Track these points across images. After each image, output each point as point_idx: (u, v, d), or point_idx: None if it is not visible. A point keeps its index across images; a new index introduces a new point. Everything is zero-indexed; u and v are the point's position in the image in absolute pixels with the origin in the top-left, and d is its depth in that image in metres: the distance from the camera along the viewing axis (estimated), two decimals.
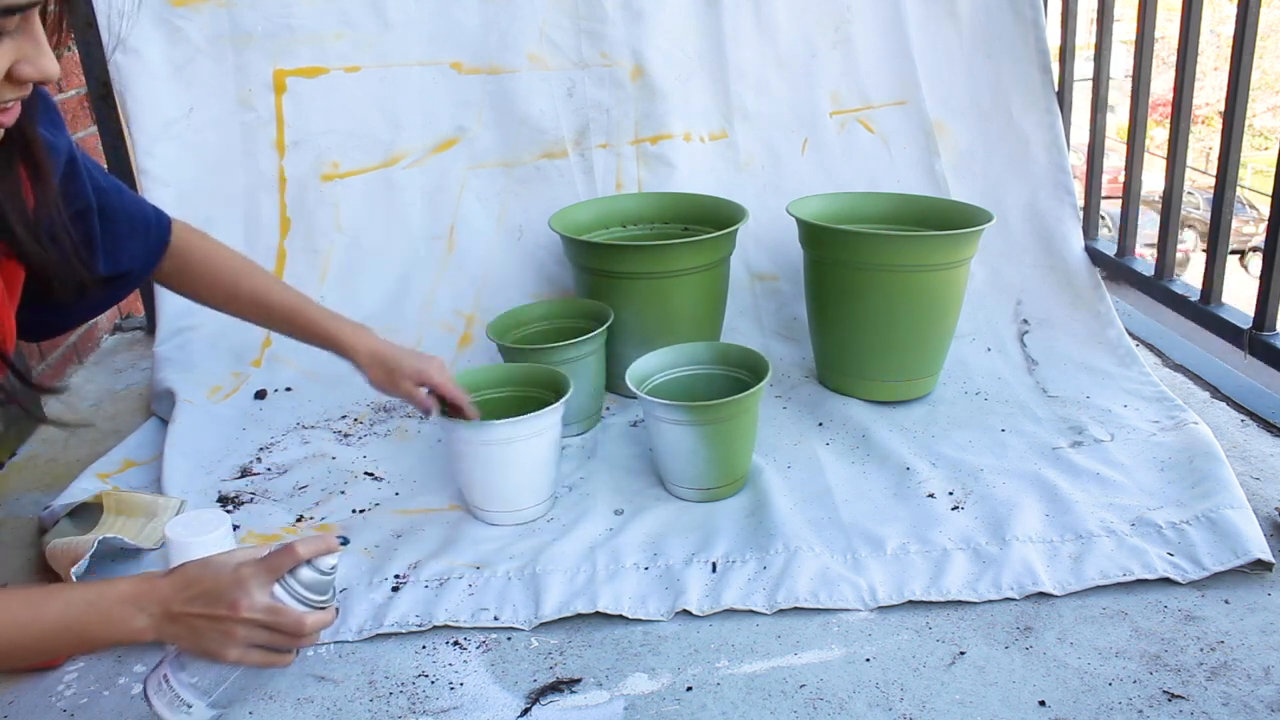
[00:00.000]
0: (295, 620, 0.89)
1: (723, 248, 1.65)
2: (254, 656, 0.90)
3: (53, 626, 0.84)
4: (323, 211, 1.87)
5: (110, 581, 0.88)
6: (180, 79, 1.81)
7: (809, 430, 1.56)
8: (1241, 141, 1.53)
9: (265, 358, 1.78)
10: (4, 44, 0.74)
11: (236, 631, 0.88)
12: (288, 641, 0.91)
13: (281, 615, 0.89)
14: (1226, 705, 0.97)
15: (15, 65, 0.75)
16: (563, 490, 1.42)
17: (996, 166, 1.96)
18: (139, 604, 0.87)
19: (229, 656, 0.89)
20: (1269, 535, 1.20)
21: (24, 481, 1.52)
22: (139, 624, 0.86)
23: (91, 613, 0.85)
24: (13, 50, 0.75)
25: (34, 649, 0.84)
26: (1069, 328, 1.80)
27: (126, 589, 0.87)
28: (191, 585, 0.88)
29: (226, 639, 0.88)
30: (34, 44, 0.76)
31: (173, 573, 0.90)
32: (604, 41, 1.90)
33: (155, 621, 0.87)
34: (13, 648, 0.83)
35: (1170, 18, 1.81)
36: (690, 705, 1.00)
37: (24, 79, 0.76)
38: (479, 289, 1.89)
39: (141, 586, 0.88)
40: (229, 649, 0.88)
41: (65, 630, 0.84)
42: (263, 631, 0.89)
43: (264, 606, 0.88)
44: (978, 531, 1.26)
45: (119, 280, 1.15)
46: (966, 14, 1.96)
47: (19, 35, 0.75)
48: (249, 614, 0.87)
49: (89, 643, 0.87)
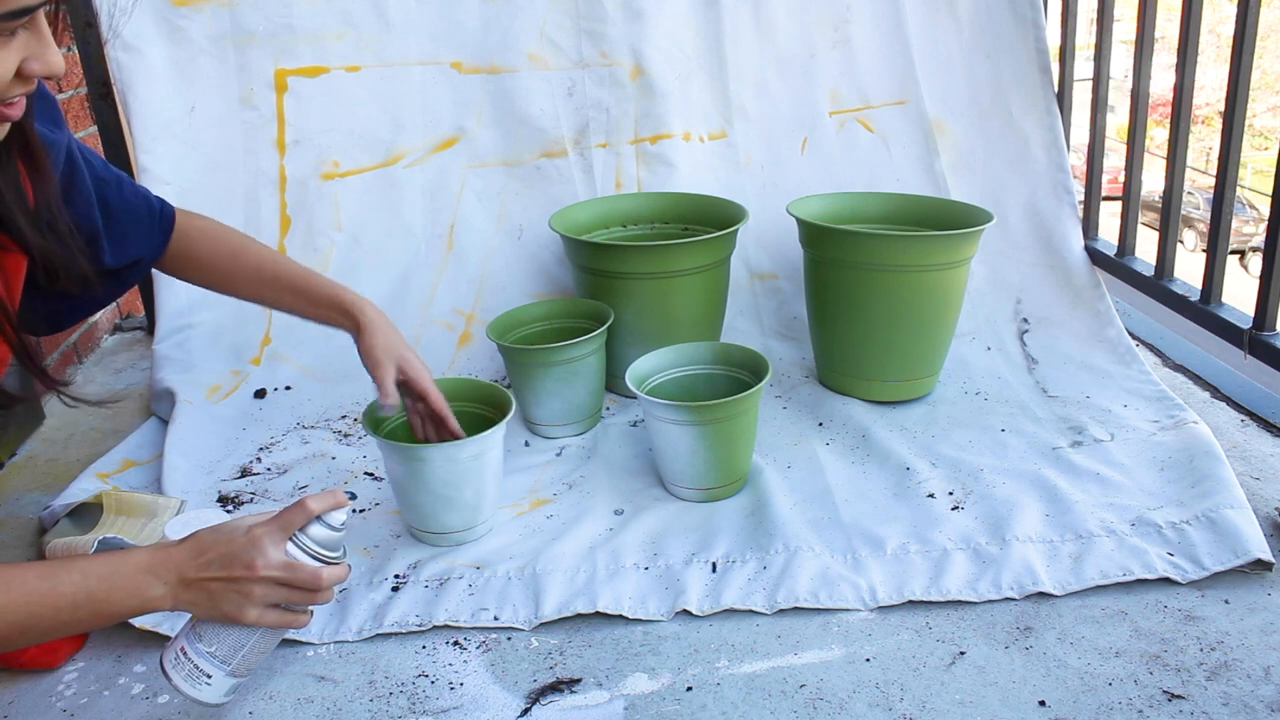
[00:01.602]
0: (312, 574, 0.90)
1: (723, 248, 1.65)
2: (272, 617, 0.91)
3: (71, 598, 0.84)
4: (323, 210, 1.87)
5: (126, 552, 0.88)
6: (182, 78, 1.81)
7: (809, 430, 1.56)
8: (1241, 141, 1.53)
9: (265, 356, 1.78)
10: (13, 43, 0.76)
11: (254, 591, 0.88)
12: (305, 598, 0.92)
13: (298, 571, 0.90)
14: (1226, 705, 0.97)
15: (24, 62, 0.77)
16: (563, 490, 1.42)
17: (996, 166, 1.96)
18: (155, 573, 0.87)
19: (248, 617, 0.89)
20: (1269, 535, 1.20)
21: (24, 481, 1.52)
22: (156, 592, 0.87)
23: (109, 583, 0.86)
24: (21, 48, 0.77)
25: (53, 621, 0.84)
26: (1069, 326, 1.80)
27: (143, 559, 0.88)
28: (206, 551, 0.89)
29: (244, 600, 0.89)
30: (41, 41, 0.78)
31: (186, 540, 0.90)
32: (604, 41, 1.90)
33: (172, 589, 0.87)
34: (32, 620, 0.83)
35: (1170, 18, 1.81)
36: (690, 705, 1.00)
37: (32, 75, 0.78)
38: (479, 288, 1.89)
39: (157, 556, 0.88)
40: (247, 610, 0.89)
41: (83, 601, 0.84)
42: (280, 589, 0.90)
43: (280, 563, 0.89)
44: (978, 531, 1.26)
45: (127, 269, 1.16)
46: (966, 13, 1.96)
47: (27, 33, 0.77)
48: (266, 572, 0.88)
49: (107, 613, 0.87)
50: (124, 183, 1.13)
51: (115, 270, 1.13)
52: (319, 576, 0.91)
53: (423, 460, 1.22)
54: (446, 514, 1.26)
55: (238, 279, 1.25)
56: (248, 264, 1.25)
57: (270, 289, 1.26)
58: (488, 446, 1.25)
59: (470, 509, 1.27)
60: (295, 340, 1.80)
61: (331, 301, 1.25)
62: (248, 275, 1.25)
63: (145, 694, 1.05)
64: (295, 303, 1.26)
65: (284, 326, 1.81)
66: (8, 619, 0.81)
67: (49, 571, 0.84)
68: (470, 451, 1.23)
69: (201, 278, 1.26)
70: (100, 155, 1.12)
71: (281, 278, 1.25)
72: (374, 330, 1.24)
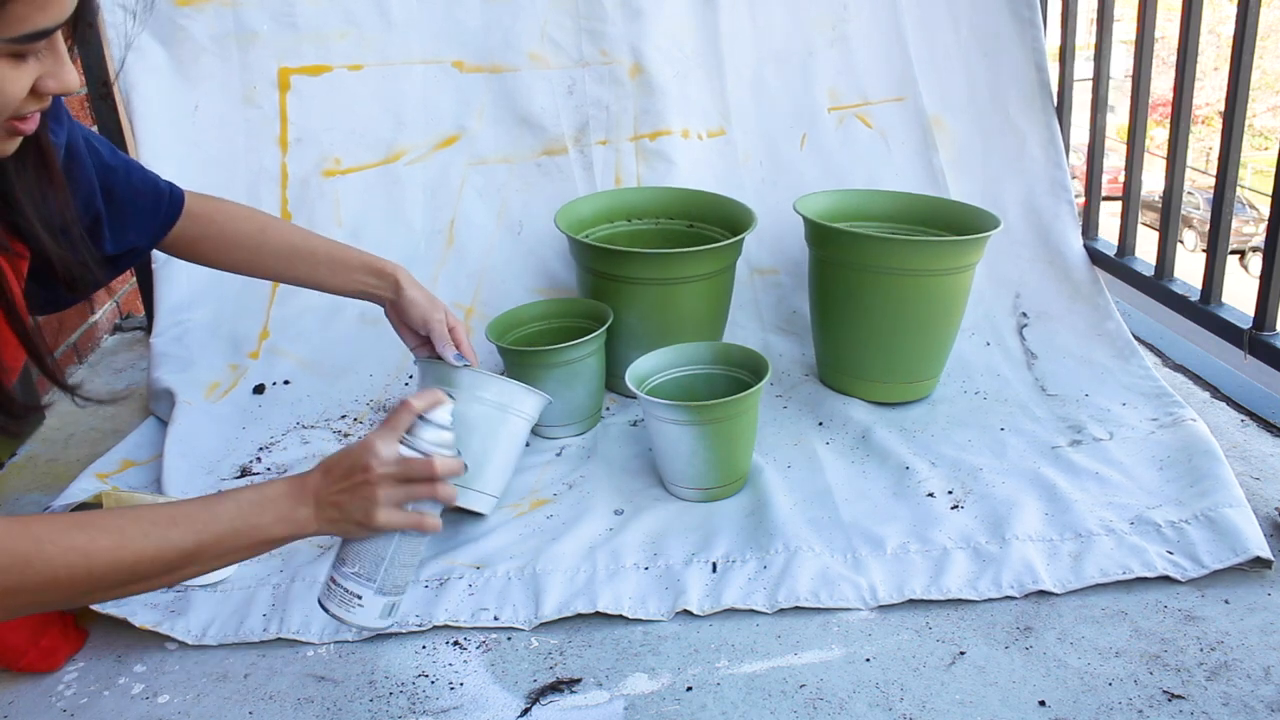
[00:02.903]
0: (424, 464, 0.94)
1: (730, 254, 1.65)
2: (399, 517, 0.94)
3: (229, 523, 0.87)
4: (323, 206, 1.88)
5: (268, 482, 0.92)
6: (185, 77, 1.82)
7: (809, 430, 1.56)
8: (1241, 141, 1.53)
9: (263, 350, 1.78)
10: (29, 63, 0.76)
11: (376, 493, 0.92)
12: (426, 490, 0.95)
13: (412, 464, 0.94)
14: (1226, 705, 0.97)
15: (39, 81, 0.78)
16: (563, 490, 1.42)
17: (994, 162, 1.96)
18: (298, 498, 0.91)
19: (377, 520, 0.92)
20: (1269, 535, 1.20)
21: (24, 481, 1.52)
22: (302, 515, 0.91)
23: (261, 509, 0.89)
24: (37, 67, 0.77)
25: (215, 549, 0.87)
26: (1068, 320, 1.80)
27: (284, 487, 0.92)
28: (331, 469, 0.93)
29: (370, 503, 0.92)
30: (56, 58, 0.79)
31: (316, 467, 0.94)
32: (604, 40, 1.90)
33: (313, 510, 0.92)
34: (201, 549, 0.86)
35: (1170, 18, 1.81)
36: (690, 705, 1.00)
37: (48, 93, 0.79)
38: (478, 283, 1.90)
39: (294, 483, 0.93)
40: (375, 513, 0.92)
41: (242, 526, 0.88)
42: (400, 487, 0.93)
43: (394, 459, 0.93)
44: (977, 530, 1.26)
45: (124, 255, 1.16)
46: (963, 11, 1.97)
47: (43, 53, 0.77)
48: (382, 469, 0.92)
49: (263, 539, 0.90)
50: (132, 170, 1.13)
51: (114, 256, 1.13)
52: (432, 465, 0.94)
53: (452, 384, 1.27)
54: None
55: (266, 255, 1.26)
56: (277, 239, 1.26)
57: (303, 263, 1.27)
58: (513, 399, 1.29)
59: (474, 462, 1.27)
60: (293, 334, 1.80)
61: (366, 265, 1.28)
62: (277, 250, 1.26)
63: (145, 694, 1.05)
64: (328, 274, 1.28)
65: (281, 320, 1.81)
66: (179, 547, 0.85)
67: (204, 503, 0.89)
68: (494, 394, 1.28)
69: (228, 258, 1.26)
70: (109, 142, 1.12)
71: (314, 250, 1.28)
72: (413, 285, 1.29)
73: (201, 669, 1.09)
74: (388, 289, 1.28)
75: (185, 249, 1.24)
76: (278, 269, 1.28)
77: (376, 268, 1.28)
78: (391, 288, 1.28)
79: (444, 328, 1.29)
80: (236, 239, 1.24)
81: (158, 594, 1.18)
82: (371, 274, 1.28)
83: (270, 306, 1.82)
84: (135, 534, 0.83)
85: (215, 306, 1.80)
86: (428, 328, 1.28)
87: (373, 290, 1.29)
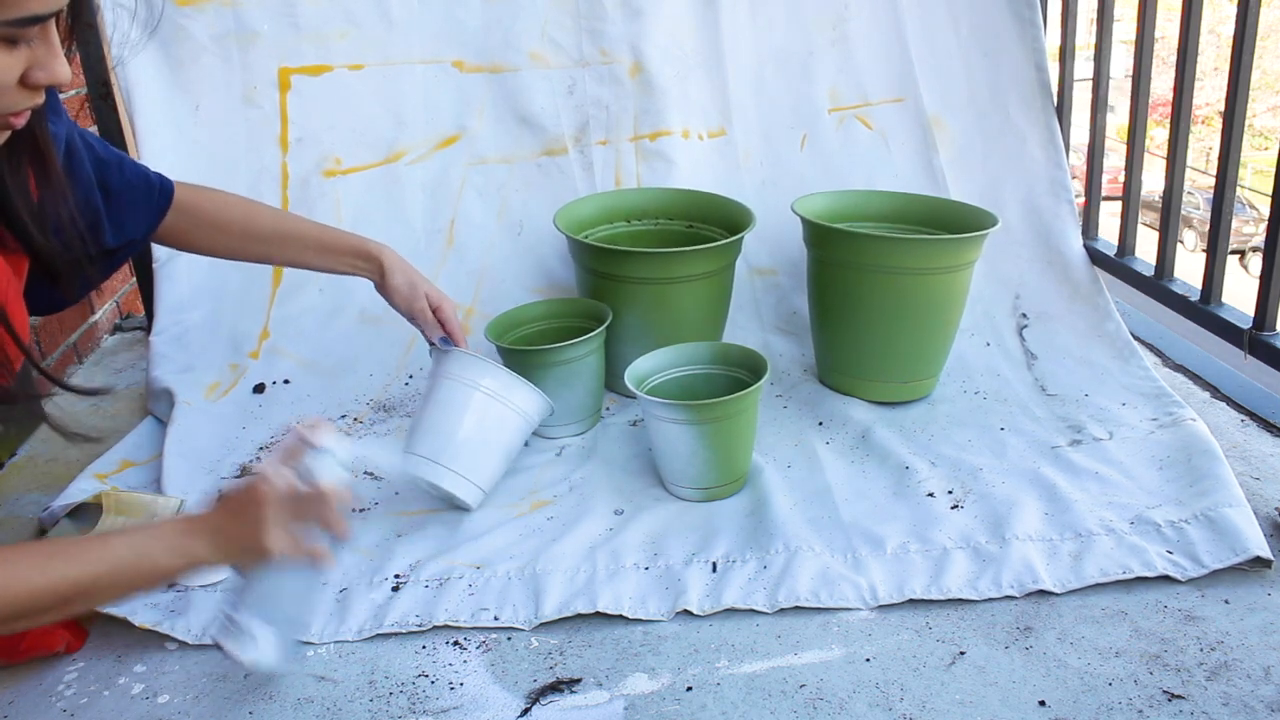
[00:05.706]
0: (314, 490, 0.95)
1: (730, 254, 1.65)
2: (289, 542, 0.94)
3: (122, 557, 0.88)
4: (324, 206, 1.88)
5: (165, 521, 0.94)
6: (186, 77, 1.82)
7: (809, 429, 1.56)
8: (1241, 141, 1.53)
9: (263, 350, 1.78)
10: (20, 51, 0.75)
11: (266, 516, 0.93)
12: (315, 513, 0.96)
13: (299, 487, 0.95)
14: (1226, 705, 0.97)
15: (29, 71, 0.76)
16: (563, 490, 1.42)
17: (994, 162, 1.96)
18: (190, 531, 0.92)
19: (266, 541, 0.93)
20: (1269, 535, 1.20)
21: (24, 481, 1.52)
22: (194, 546, 0.92)
23: (154, 542, 0.90)
24: (27, 56, 0.76)
25: (107, 581, 0.87)
26: (1067, 320, 1.80)
27: (182, 522, 0.93)
28: (226, 501, 0.95)
29: (260, 528, 0.93)
30: (48, 49, 0.77)
31: (213, 502, 0.96)
32: (604, 39, 1.90)
33: (207, 540, 0.92)
34: (95, 581, 0.86)
35: (1170, 18, 1.81)
36: (690, 705, 1.00)
37: (37, 84, 0.78)
38: (478, 283, 1.90)
39: (190, 518, 0.94)
40: (263, 534, 0.93)
41: (133, 558, 0.89)
42: (288, 508, 0.94)
43: (283, 483, 0.95)
44: (977, 530, 1.26)
45: (120, 249, 1.17)
46: (963, 12, 1.97)
47: (35, 42, 0.76)
48: (272, 494, 0.94)
49: (156, 571, 0.90)
50: (124, 163, 1.15)
51: (112, 250, 1.14)
52: (319, 490, 0.96)
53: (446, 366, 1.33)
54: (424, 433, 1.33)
55: (254, 238, 1.29)
56: (263, 223, 1.28)
57: (291, 246, 1.30)
58: (504, 386, 1.33)
59: (458, 444, 1.31)
60: (294, 333, 1.80)
61: (353, 249, 1.31)
62: (265, 234, 1.29)
63: (145, 694, 1.05)
64: (316, 256, 1.31)
65: (282, 319, 1.81)
66: (73, 579, 0.85)
67: (100, 540, 0.89)
68: (484, 379, 1.32)
69: (218, 245, 1.28)
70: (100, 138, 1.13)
71: (303, 234, 1.30)
72: (397, 270, 1.32)
73: (201, 669, 1.09)
74: (373, 272, 1.33)
75: (177, 238, 1.25)
76: (267, 252, 1.31)
77: (363, 252, 1.32)
78: (377, 271, 1.32)
79: (427, 315, 1.33)
80: (225, 225, 1.27)
81: (158, 594, 1.18)
82: (359, 257, 1.32)
83: (270, 306, 1.82)
84: (27, 567, 0.82)
85: (215, 306, 1.80)
86: (411, 317, 1.33)
87: (360, 273, 1.33)
